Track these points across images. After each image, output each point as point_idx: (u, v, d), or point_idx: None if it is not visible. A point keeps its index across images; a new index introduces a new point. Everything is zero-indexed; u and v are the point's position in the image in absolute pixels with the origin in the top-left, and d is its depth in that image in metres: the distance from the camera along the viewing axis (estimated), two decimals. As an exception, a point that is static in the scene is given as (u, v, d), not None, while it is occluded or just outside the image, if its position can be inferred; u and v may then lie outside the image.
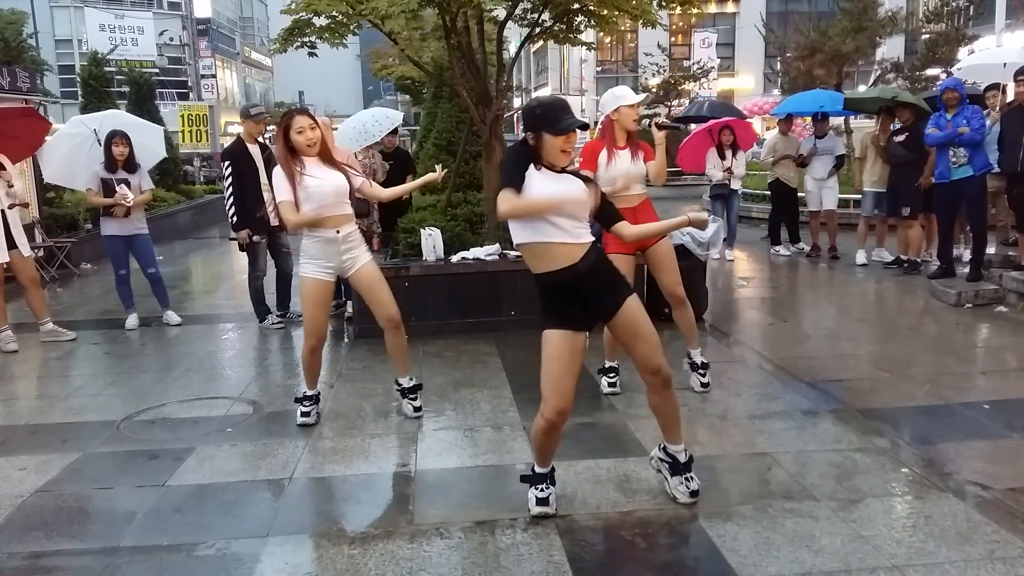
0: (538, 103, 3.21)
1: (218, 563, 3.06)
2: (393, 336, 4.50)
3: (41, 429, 4.70)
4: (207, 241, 15.37)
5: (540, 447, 3.34)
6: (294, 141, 4.22)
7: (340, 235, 4.28)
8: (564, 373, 3.18)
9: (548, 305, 3.24)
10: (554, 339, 3.20)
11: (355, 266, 4.37)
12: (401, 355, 4.58)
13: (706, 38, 30.88)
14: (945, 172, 7.32)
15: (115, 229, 7.08)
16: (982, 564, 2.85)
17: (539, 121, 3.09)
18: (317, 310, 4.37)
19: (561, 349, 3.19)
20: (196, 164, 24.43)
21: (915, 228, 8.69)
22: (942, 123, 7.31)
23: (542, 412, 3.22)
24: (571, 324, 3.20)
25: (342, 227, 4.29)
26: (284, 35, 7.24)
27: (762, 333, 6.60)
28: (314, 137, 4.23)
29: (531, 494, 3.36)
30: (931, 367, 5.39)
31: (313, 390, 4.57)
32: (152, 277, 7.31)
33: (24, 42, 16.62)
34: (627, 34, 34.64)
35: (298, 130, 4.22)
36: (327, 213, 4.23)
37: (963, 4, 18.66)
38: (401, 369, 4.61)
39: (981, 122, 7.11)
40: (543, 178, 3.12)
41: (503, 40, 8.27)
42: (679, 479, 3.41)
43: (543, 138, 3.08)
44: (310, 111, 4.53)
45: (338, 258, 4.31)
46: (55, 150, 8.52)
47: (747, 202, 14.47)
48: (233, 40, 48.05)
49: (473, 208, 7.51)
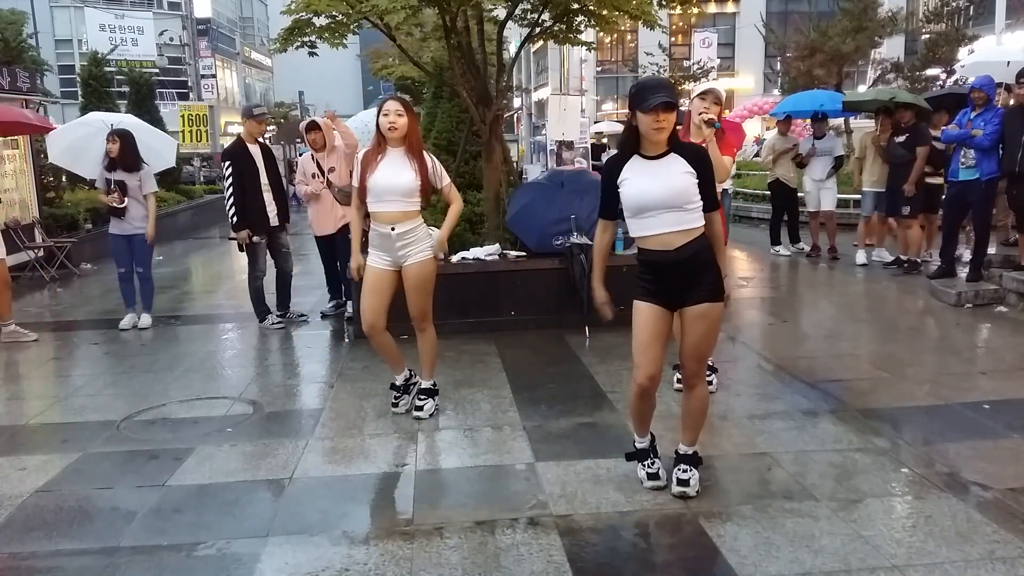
0: (634, 83, 3.36)
1: (218, 563, 3.06)
2: (419, 339, 4.56)
3: (41, 429, 4.70)
4: (207, 241, 15.38)
5: (636, 414, 3.52)
6: (379, 123, 4.25)
7: (394, 233, 4.28)
8: (651, 340, 3.32)
9: (641, 279, 3.38)
10: (642, 310, 3.34)
11: (407, 261, 4.36)
12: (424, 359, 4.61)
13: (706, 38, 30.80)
14: (955, 171, 7.33)
15: (117, 228, 7.14)
16: (982, 564, 2.85)
17: (633, 101, 3.21)
18: (367, 296, 4.40)
19: (648, 319, 3.32)
20: (196, 164, 24.46)
21: (915, 228, 8.69)
22: (963, 121, 7.26)
23: (634, 378, 3.38)
24: (658, 300, 3.33)
25: (397, 224, 4.28)
26: (284, 35, 7.24)
27: (762, 333, 6.59)
28: (396, 123, 4.20)
29: (640, 472, 3.55)
30: (931, 367, 5.39)
31: (400, 375, 4.66)
32: (141, 276, 7.32)
33: (24, 42, 16.64)
34: (627, 34, 34.60)
35: (384, 112, 4.23)
36: (382, 209, 4.27)
37: (963, 4, 18.63)
38: (425, 372, 4.65)
39: (996, 128, 7.00)
40: (638, 174, 3.24)
41: (503, 40, 8.27)
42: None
43: (637, 117, 3.20)
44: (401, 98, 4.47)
45: (393, 252, 4.33)
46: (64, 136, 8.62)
47: (747, 202, 14.52)
48: (233, 40, 48.01)
49: (473, 208, 7.51)
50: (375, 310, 4.39)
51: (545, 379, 5.21)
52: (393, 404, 4.67)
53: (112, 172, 7.03)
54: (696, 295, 3.28)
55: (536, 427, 4.36)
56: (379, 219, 4.30)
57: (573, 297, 6.33)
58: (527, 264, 6.58)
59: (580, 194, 6.58)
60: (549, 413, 4.57)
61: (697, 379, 3.46)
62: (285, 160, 21.09)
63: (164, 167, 9.16)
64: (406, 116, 4.24)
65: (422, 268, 4.38)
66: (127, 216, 7.05)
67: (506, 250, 6.71)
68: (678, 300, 3.32)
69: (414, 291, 4.41)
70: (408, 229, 4.31)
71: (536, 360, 5.79)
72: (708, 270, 3.30)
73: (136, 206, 7.09)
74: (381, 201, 4.27)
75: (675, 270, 3.27)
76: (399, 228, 4.28)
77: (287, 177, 15.01)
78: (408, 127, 4.26)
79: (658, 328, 3.32)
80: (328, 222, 7.07)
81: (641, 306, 3.34)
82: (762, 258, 10.22)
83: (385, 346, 4.55)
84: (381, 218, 4.29)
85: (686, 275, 3.28)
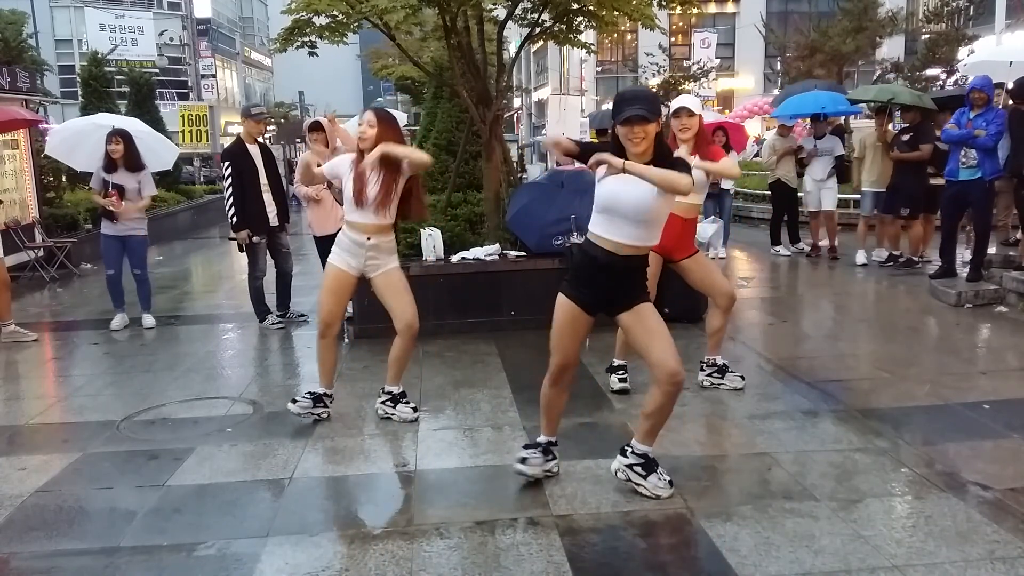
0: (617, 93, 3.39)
1: (218, 563, 3.06)
2: (402, 342, 4.44)
3: (41, 429, 4.70)
4: (207, 241, 15.38)
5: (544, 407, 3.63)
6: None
7: (369, 243, 4.30)
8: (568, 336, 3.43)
9: (572, 277, 3.43)
10: (563, 306, 3.40)
11: (377, 271, 4.37)
12: (401, 363, 4.51)
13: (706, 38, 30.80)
14: (954, 171, 7.29)
15: (110, 229, 7.08)
16: (982, 564, 2.85)
17: (612, 112, 3.26)
18: (329, 295, 4.39)
19: (565, 315, 3.40)
20: (196, 164, 24.45)
21: (915, 227, 8.69)
22: (963, 121, 7.21)
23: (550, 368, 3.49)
24: (581, 302, 3.37)
25: (373, 236, 4.31)
26: (284, 35, 7.24)
27: (762, 333, 6.59)
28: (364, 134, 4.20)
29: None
30: (931, 367, 5.39)
31: (323, 387, 4.55)
32: (138, 278, 7.28)
33: (24, 42, 16.68)
34: (627, 34, 34.61)
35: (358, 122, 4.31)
36: (357, 219, 4.27)
37: (963, 4, 18.65)
38: (395, 377, 4.55)
39: (1000, 128, 6.98)
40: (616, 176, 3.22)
41: (503, 40, 8.27)
42: (656, 476, 3.45)
43: (617, 129, 3.23)
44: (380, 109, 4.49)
45: (362, 260, 4.34)
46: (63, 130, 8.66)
47: (747, 202, 14.51)
48: (233, 40, 48.01)
49: (473, 208, 7.51)
50: (333, 312, 4.42)
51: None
52: (292, 401, 4.54)
53: (111, 174, 6.99)
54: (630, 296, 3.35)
55: (536, 427, 4.31)
56: (355, 227, 4.31)
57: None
58: (527, 264, 6.57)
59: (580, 194, 6.56)
60: (549, 413, 4.55)
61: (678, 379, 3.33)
62: (285, 160, 21.12)
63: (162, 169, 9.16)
64: (377, 127, 4.19)
65: (394, 272, 4.42)
66: (122, 217, 6.99)
67: (506, 250, 6.71)
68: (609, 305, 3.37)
69: (401, 292, 4.39)
70: (382, 242, 4.34)
71: (536, 360, 5.73)
72: (644, 275, 3.41)
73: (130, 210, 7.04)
74: (355, 210, 4.26)
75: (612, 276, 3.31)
76: (374, 239, 4.31)
77: (287, 177, 15.01)
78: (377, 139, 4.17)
79: (577, 330, 3.41)
80: (329, 222, 7.05)
81: (564, 302, 3.38)
82: (762, 258, 10.22)
83: (332, 352, 4.53)
84: (357, 227, 4.30)
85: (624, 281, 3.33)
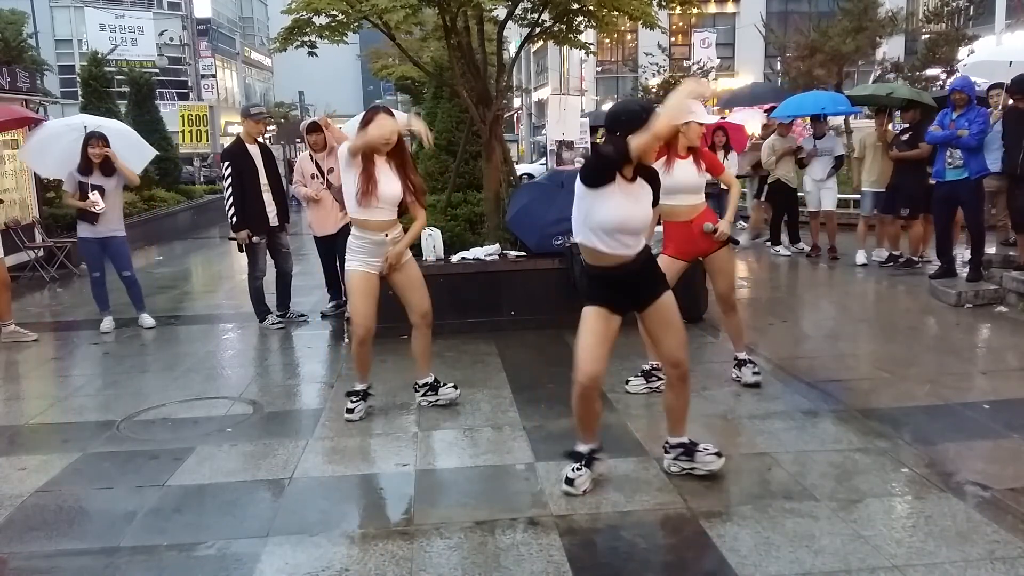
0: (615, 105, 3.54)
1: (218, 563, 3.06)
2: (422, 334, 4.61)
3: (41, 429, 4.71)
4: (207, 241, 15.38)
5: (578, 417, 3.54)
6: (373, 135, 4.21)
7: (388, 239, 4.40)
8: (597, 343, 3.38)
9: (591, 289, 3.47)
10: (591, 313, 3.42)
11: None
12: (427, 353, 4.70)
13: (706, 38, 30.78)
14: (941, 172, 7.33)
15: (89, 232, 7.00)
16: (982, 564, 2.85)
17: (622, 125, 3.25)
18: (363, 300, 4.44)
19: (597, 323, 3.39)
20: (196, 164, 24.44)
21: (915, 227, 8.69)
22: (945, 122, 7.26)
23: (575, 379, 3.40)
24: (609, 306, 3.41)
25: (390, 231, 4.41)
26: (284, 34, 7.23)
27: (762, 333, 6.59)
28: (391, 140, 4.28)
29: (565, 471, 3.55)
30: (931, 367, 5.39)
31: (363, 384, 4.64)
32: (127, 280, 7.24)
33: (24, 42, 16.64)
34: (627, 34, 34.60)
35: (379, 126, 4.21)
36: (373, 217, 4.33)
37: (963, 4, 18.64)
38: (425, 367, 4.72)
39: (982, 127, 7.03)
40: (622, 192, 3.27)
41: (503, 40, 8.27)
42: (700, 454, 3.61)
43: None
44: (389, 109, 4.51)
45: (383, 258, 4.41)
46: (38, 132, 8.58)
47: (747, 202, 14.49)
48: (233, 40, 47.98)
49: (473, 208, 7.51)
50: (369, 315, 4.46)
51: (545, 379, 5.20)
52: (348, 411, 4.56)
53: (88, 176, 6.88)
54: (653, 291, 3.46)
55: (536, 427, 4.36)
56: (370, 227, 4.37)
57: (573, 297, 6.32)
58: (527, 264, 6.57)
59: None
60: (549, 413, 4.56)
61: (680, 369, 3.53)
62: (285, 160, 21.10)
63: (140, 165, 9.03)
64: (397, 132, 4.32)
65: (413, 266, 4.58)
66: (101, 219, 6.92)
67: (506, 250, 6.71)
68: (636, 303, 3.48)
69: (420, 285, 4.56)
70: (397, 234, 4.46)
71: (536, 360, 5.79)
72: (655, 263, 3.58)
73: (112, 208, 6.99)
74: (372, 208, 4.31)
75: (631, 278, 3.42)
76: (392, 234, 4.42)
77: (287, 177, 15.01)
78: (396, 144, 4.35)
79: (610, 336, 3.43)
80: (328, 222, 7.08)
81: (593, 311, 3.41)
82: (762, 258, 10.22)
83: (369, 355, 4.59)
84: (372, 226, 4.37)
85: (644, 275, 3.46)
